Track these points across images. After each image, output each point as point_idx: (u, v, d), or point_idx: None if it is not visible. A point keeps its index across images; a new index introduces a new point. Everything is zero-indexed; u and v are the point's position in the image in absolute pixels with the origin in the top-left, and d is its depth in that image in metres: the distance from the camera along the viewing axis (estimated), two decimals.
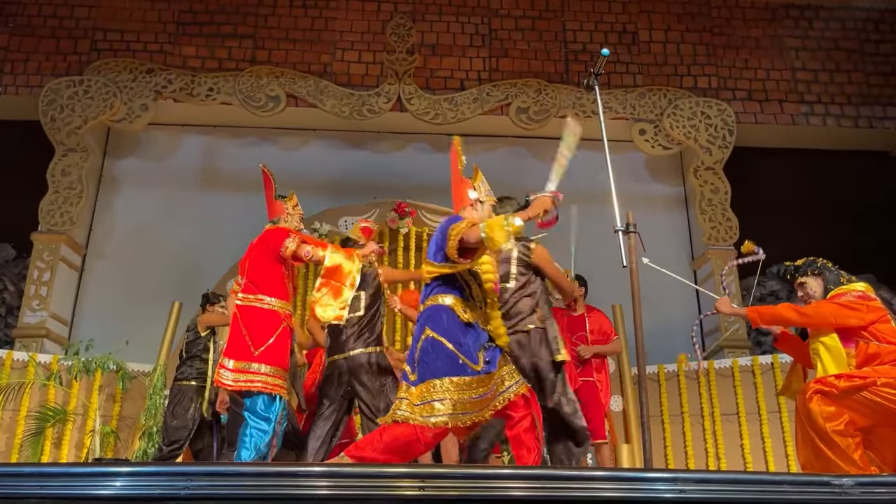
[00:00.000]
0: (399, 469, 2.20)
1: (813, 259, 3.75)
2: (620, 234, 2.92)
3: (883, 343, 3.36)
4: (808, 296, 3.67)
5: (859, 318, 3.39)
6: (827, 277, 3.65)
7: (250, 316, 3.95)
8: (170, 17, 8.01)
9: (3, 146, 7.56)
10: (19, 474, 1.83)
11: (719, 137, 7.79)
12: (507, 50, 8.11)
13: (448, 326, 3.12)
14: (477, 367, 3.08)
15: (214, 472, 1.86)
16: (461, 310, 3.17)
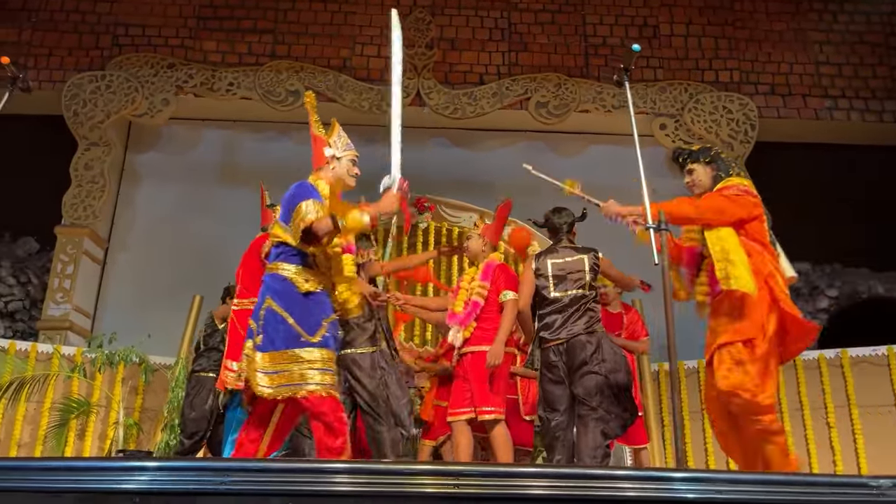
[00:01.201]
0: (425, 466, 2.21)
1: (707, 146, 3.60)
2: (651, 232, 2.88)
3: (753, 241, 3.23)
4: (693, 183, 3.50)
5: (747, 212, 3.25)
6: (718, 167, 3.47)
7: (246, 319, 4.07)
8: (190, 11, 8.05)
9: (27, 140, 7.64)
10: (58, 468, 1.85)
11: (741, 132, 7.71)
12: (527, 44, 8.07)
13: (284, 297, 3.10)
14: (313, 339, 3.06)
15: (253, 468, 1.88)
16: (301, 280, 3.13)
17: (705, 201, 3.32)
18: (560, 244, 4.22)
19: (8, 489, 1.75)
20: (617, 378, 3.87)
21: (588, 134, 8.17)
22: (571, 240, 4.25)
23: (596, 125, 8.04)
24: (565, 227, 4.25)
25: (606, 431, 3.80)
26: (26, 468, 1.88)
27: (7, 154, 7.37)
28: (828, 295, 7.38)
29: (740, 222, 3.24)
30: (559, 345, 3.95)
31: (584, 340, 3.90)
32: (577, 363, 3.88)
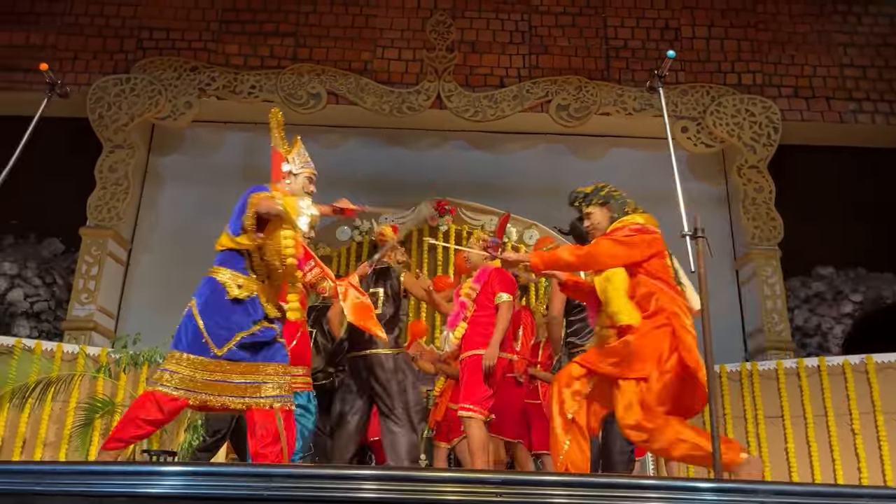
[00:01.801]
0: (446, 474, 2.21)
1: (600, 186, 3.53)
2: (688, 239, 2.85)
3: (655, 280, 3.18)
4: (592, 226, 3.46)
5: (639, 254, 3.19)
6: (612, 207, 3.42)
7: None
8: (213, 15, 8.12)
9: (53, 143, 7.74)
10: (102, 472, 1.88)
11: (764, 135, 7.65)
12: (548, 47, 8.06)
13: (209, 302, 3.14)
14: (219, 351, 3.09)
15: (295, 475, 1.90)
16: (233, 284, 3.16)
17: (589, 247, 3.29)
18: None
19: (49, 493, 1.78)
20: None
21: (609, 137, 8.14)
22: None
23: (617, 128, 8.02)
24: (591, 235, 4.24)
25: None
26: (68, 472, 1.91)
27: (33, 156, 7.45)
28: (852, 300, 7.30)
29: (635, 264, 3.20)
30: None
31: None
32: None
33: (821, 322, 7.31)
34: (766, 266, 7.32)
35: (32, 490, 1.82)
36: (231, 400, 3.09)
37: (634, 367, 3.06)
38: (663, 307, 3.10)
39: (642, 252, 3.19)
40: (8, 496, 1.80)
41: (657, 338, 3.07)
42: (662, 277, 3.19)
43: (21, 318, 7.13)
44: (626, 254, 3.18)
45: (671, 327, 3.07)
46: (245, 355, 3.13)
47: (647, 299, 3.14)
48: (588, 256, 3.23)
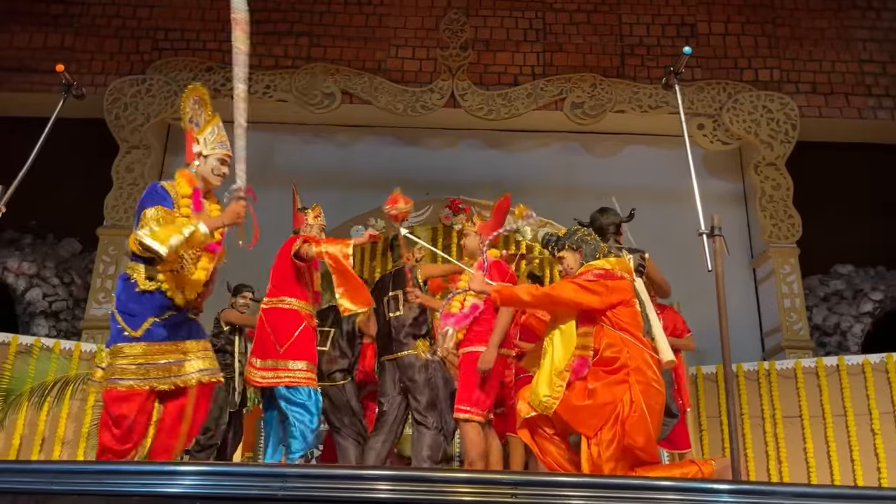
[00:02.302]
0: (460, 474, 2.21)
1: (574, 230, 3.46)
2: (705, 238, 2.80)
3: (618, 330, 3.06)
4: (565, 271, 3.39)
5: (599, 301, 3.07)
6: (584, 251, 3.35)
7: (274, 316, 4.20)
8: (228, 15, 8.03)
9: (70, 144, 7.81)
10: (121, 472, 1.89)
11: (781, 132, 7.57)
12: (562, 44, 8.02)
13: (122, 296, 3.18)
14: (135, 332, 3.11)
15: (310, 475, 1.90)
16: (143, 278, 3.17)
17: (549, 288, 3.23)
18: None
19: (66, 492, 1.79)
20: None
21: (624, 135, 8.09)
22: (618, 241, 4.18)
23: (632, 126, 7.96)
24: (611, 228, 4.16)
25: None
26: (84, 471, 1.92)
27: (51, 157, 7.51)
28: (872, 298, 7.20)
29: (596, 311, 3.10)
30: None
31: None
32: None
33: (840, 321, 7.22)
34: (784, 264, 7.24)
35: (49, 489, 1.83)
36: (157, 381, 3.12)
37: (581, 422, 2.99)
38: (625, 363, 3.00)
39: (602, 299, 3.08)
40: (26, 495, 1.81)
41: (613, 394, 2.97)
42: (628, 328, 3.08)
43: (40, 318, 7.20)
44: (585, 299, 3.08)
45: (628, 385, 2.98)
46: (163, 334, 3.16)
47: (610, 353, 3.03)
48: (546, 297, 3.16)
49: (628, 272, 3.29)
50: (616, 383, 2.98)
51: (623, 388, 2.97)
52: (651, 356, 3.11)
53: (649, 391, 2.99)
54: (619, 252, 3.71)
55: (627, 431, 2.93)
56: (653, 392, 3.00)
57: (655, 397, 3.01)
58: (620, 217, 4.16)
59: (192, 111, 3.49)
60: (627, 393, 2.96)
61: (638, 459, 3.00)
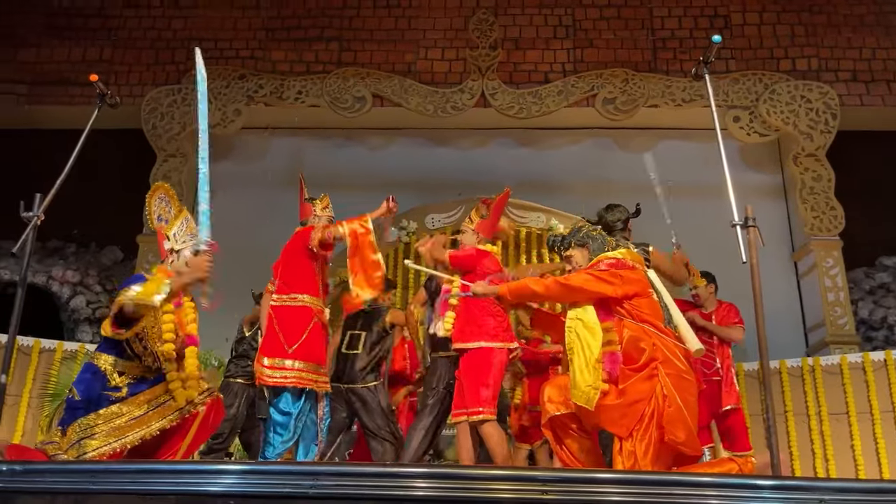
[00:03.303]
0: (498, 472, 2.19)
1: (578, 227, 3.38)
2: (739, 229, 2.74)
3: (639, 322, 2.97)
4: (574, 269, 3.30)
5: (613, 290, 2.99)
6: (591, 247, 3.27)
7: (283, 314, 4.06)
8: (259, 23, 8.26)
9: (111, 154, 7.99)
10: (157, 471, 1.92)
11: (821, 122, 7.38)
12: (592, 40, 7.95)
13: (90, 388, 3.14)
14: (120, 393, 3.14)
15: (341, 472, 1.91)
16: (113, 373, 3.18)
17: (562, 278, 3.14)
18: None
19: (104, 492, 1.82)
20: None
21: (658, 129, 7.98)
22: (626, 237, 4.12)
23: (665, 120, 7.85)
24: (619, 225, 4.10)
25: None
26: (122, 471, 1.95)
27: (92, 167, 7.69)
28: None
29: (612, 300, 3.02)
30: None
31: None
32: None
33: (887, 314, 7.01)
34: (827, 257, 7.06)
35: (88, 489, 1.86)
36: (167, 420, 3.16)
37: (615, 421, 2.91)
38: (654, 356, 2.92)
39: (615, 288, 3.01)
40: (65, 495, 1.85)
41: (643, 391, 2.89)
42: (649, 319, 3.01)
43: (84, 324, 7.37)
44: (599, 287, 3.02)
45: (655, 377, 2.90)
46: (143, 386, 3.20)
47: (635, 347, 2.95)
48: (560, 288, 3.09)
49: (639, 262, 3.22)
50: (645, 379, 2.90)
51: (653, 382, 2.89)
52: (677, 346, 3.03)
53: (681, 383, 2.91)
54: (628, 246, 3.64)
55: (666, 428, 2.85)
56: (685, 384, 2.92)
57: (689, 388, 2.93)
58: (628, 213, 4.10)
59: (158, 209, 3.52)
60: (659, 387, 2.88)
61: (680, 454, 2.93)
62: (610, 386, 2.93)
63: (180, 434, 3.25)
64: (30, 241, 2.77)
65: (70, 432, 3.08)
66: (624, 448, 2.88)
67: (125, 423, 3.11)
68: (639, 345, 2.95)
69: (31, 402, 6.16)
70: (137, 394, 3.19)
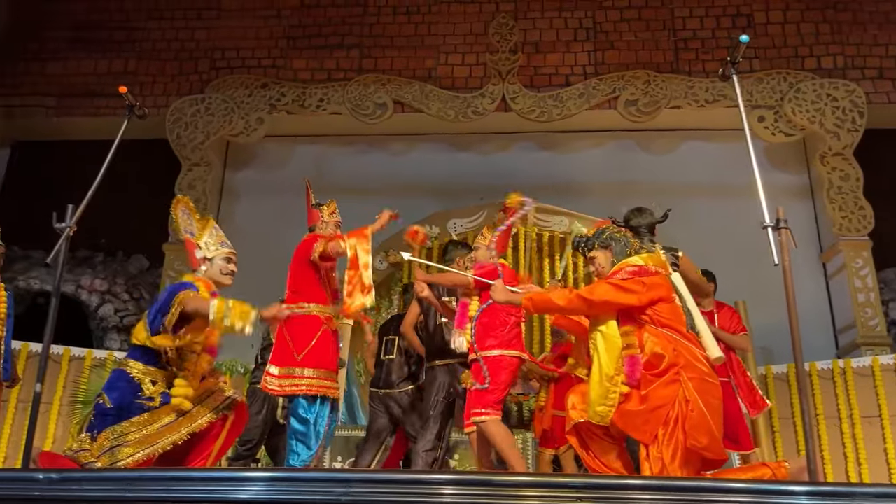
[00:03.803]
0: (528, 478, 2.18)
1: (602, 229, 3.33)
2: (770, 231, 2.70)
3: (661, 327, 2.92)
4: (597, 272, 3.26)
5: (637, 299, 2.94)
6: (614, 249, 3.23)
7: (292, 323, 4.05)
8: (281, 32, 8.33)
9: (137, 164, 8.10)
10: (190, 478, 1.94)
11: (848, 120, 7.28)
12: (613, 42, 7.91)
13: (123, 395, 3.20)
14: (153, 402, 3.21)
15: (372, 479, 1.91)
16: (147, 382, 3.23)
17: (583, 291, 3.09)
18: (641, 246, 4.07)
19: (139, 499, 1.84)
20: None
21: (681, 130, 7.92)
22: (653, 240, 4.09)
23: (688, 121, 7.79)
24: (645, 229, 4.08)
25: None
26: (155, 478, 1.97)
27: (118, 177, 7.81)
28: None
29: (635, 309, 2.97)
30: None
31: None
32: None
33: None
34: (856, 257, 6.95)
35: (124, 496, 1.89)
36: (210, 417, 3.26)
37: (639, 428, 2.87)
38: (675, 361, 2.88)
39: (640, 297, 2.97)
40: (101, 503, 1.87)
41: (665, 396, 2.85)
42: (671, 325, 2.97)
43: (112, 332, 7.46)
44: (623, 298, 2.98)
45: (678, 383, 2.86)
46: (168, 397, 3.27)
47: (656, 352, 2.91)
48: (582, 301, 3.04)
49: (662, 267, 3.19)
50: (667, 384, 2.86)
51: (675, 387, 2.85)
52: (699, 351, 3.00)
53: (704, 386, 2.87)
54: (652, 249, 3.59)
55: (689, 433, 2.81)
56: (708, 387, 2.88)
57: (712, 392, 2.88)
58: (655, 217, 4.07)
59: (183, 221, 3.60)
60: (681, 391, 2.84)
61: (705, 461, 2.89)
62: (632, 391, 2.90)
63: (209, 439, 3.30)
64: (63, 252, 2.81)
65: (101, 439, 3.13)
66: (651, 454, 2.85)
67: (156, 430, 3.16)
68: (659, 350, 2.91)
69: (62, 410, 6.26)
70: (170, 402, 3.24)
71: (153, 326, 3.19)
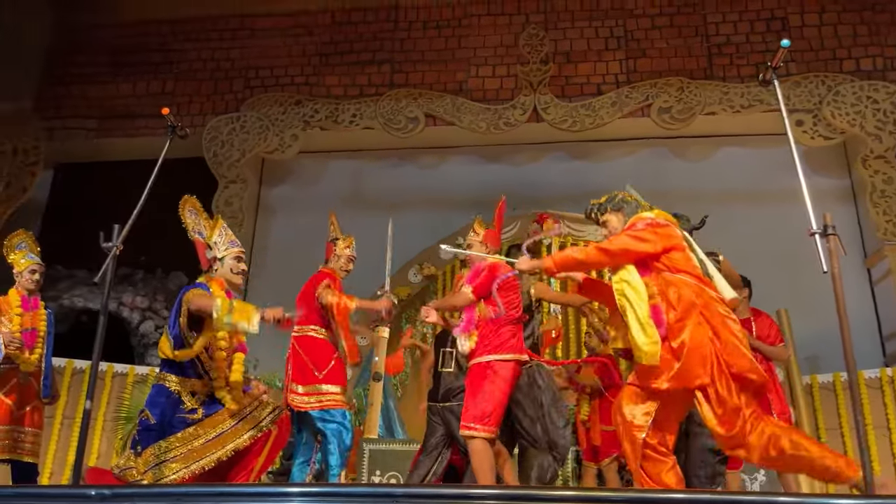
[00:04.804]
0: (571, 493, 2.15)
1: (613, 195, 3.41)
2: (818, 237, 2.65)
3: (676, 273, 3.01)
4: (611, 234, 3.31)
5: (652, 246, 3.04)
6: (626, 211, 3.30)
7: (307, 344, 4.30)
8: (313, 49, 8.45)
9: (173, 182, 8.25)
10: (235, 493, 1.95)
11: (889, 122, 7.12)
12: (645, 50, 7.86)
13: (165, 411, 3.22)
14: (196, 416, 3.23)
15: (419, 494, 1.90)
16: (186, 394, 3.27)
17: (602, 243, 3.16)
18: None
19: None
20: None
21: (716, 137, 7.82)
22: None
23: (724, 127, 7.69)
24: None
25: (716, 448, 3.51)
26: (207, 494, 1.99)
27: (157, 196, 7.97)
28: None
29: (651, 257, 3.06)
30: None
31: None
32: None
33: None
34: None
35: None
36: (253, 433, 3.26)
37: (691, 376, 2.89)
38: (693, 303, 2.95)
39: (654, 245, 3.07)
40: None
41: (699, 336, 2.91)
42: (686, 270, 3.07)
43: (153, 349, 7.59)
44: (639, 247, 3.08)
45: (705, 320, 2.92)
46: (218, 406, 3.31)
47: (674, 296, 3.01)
48: (600, 253, 3.12)
49: (673, 223, 3.25)
50: (696, 325, 2.93)
51: (704, 328, 2.92)
52: (716, 294, 3.06)
53: (726, 322, 2.94)
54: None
55: (729, 362, 2.87)
56: (731, 322, 2.95)
57: (735, 327, 2.95)
58: (692, 224, 4.04)
59: (192, 222, 3.69)
60: (708, 330, 2.92)
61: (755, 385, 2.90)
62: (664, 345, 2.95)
63: (253, 453, 3.32)
64: (110, 271, 2.87)
65: (147, 455, 3.16)
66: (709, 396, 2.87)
67: (201, 444, 3.19)
68: (678, 294, 3.00)
69: (106, 426, 6.38)
70: (213, 414, 3.27)
71: (174, 335, 3.23)
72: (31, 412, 4.52)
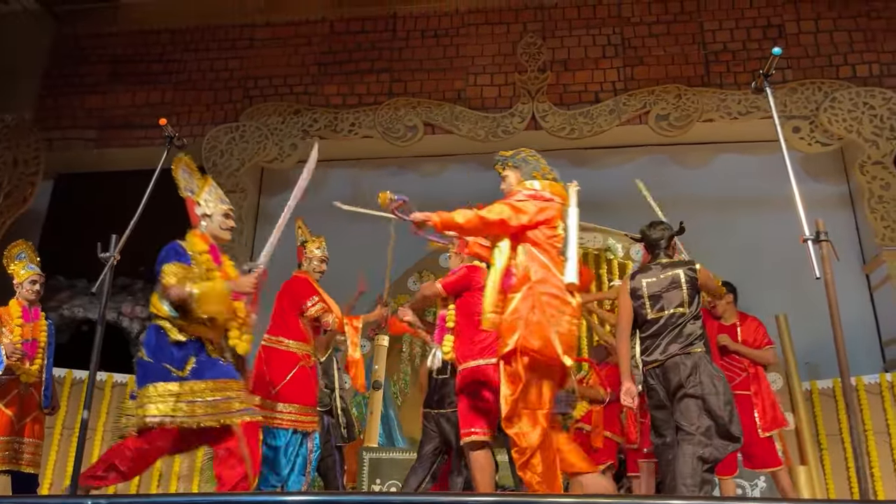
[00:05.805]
0: (573, 499, 2.15)
1: (518, 150, 3.49)
2: (810, 244, 2.66)
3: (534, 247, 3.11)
4: (507, 190, 3.41)
5: (528, 219, 3.11)
6: (523, 170, 3.35)
7: (270, 355, 4.25)
8: (312, 59, 8.48)
9: (174, 193, 8.27)
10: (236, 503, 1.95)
11: (886, 128, 7.14)
12: (643, 57, 7.89)
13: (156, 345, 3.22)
14: (182, 372, 3.14)
15: (413, 503, 1.90)
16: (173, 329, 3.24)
17: (482, 211, 3.20)
18: (656, 260, 4.02)
19: None
20: (715, 401, 3.56)
21: (714, 143, 7.84)
22: (670, 255, 4.04)
23: (722, 134, 7.72)
24: (662, 243, 4.04)
25: (705, 457, 3.48)
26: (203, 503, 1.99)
27: (156, 206, 7.99)
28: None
29: (522, 228, 3.14)
30: (656, 367, 3.75)
31: (678, 361, 3.66)
32: (673, 385, 3.66)
33: None
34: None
35: None
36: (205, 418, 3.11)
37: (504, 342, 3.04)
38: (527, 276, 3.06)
39: (531, 217, 3.14)
40: None
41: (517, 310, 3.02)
42: (540, 244, 3.15)
43: None
44: (514, 217, 3.13)
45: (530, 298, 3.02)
46: (207, 373, 3.20)
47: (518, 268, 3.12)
48: (478, 220, 3.17)
49: (563, 199, 3.31)
50: (523, 298, 3.03)
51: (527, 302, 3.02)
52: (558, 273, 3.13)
53: (553, 300, 3.02)
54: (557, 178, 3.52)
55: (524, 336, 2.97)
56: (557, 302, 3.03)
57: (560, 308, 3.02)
58: (672, 231, 4.05)
59: (184, 180, 3.68)
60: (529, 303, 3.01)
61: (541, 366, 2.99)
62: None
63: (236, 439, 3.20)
64: (108, 281, 2.88)
65: (140, 396, 3.18)
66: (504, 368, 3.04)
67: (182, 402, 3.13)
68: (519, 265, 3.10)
69: (105, 436, 6.36)
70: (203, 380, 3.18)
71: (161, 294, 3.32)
72: (32, 423, 4.52)
